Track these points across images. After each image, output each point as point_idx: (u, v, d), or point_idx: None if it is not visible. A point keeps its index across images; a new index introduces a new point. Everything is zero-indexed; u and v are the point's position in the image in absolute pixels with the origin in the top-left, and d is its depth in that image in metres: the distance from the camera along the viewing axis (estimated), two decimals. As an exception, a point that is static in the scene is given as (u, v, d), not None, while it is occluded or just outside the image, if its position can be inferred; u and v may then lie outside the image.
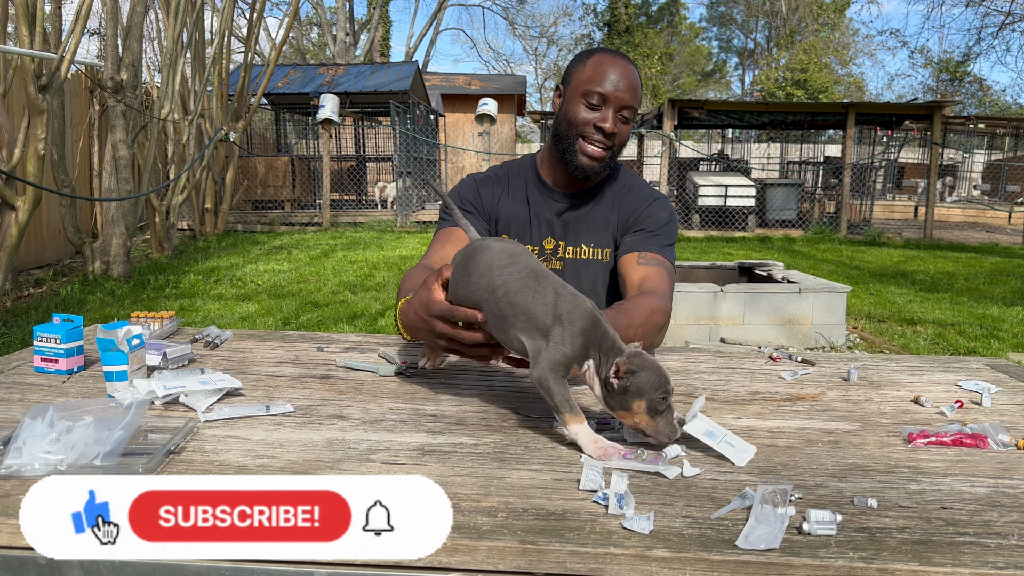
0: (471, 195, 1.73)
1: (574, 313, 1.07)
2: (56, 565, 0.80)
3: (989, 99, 35.29)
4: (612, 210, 1.69)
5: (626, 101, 1.57)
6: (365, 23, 28.97)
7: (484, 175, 1.77)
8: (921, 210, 14.45)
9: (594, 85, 1.55)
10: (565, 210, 1.69)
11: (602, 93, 1.55)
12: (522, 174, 1.75)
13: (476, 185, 1.75)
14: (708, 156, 15.88)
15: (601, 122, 1.56)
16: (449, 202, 1.49)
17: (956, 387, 1.40)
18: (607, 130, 1.57)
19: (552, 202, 1.70)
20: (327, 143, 12.04)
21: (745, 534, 0.80)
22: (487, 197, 1.73)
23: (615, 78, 1.55)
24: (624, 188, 1.72)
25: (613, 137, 1.59)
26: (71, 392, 1.27)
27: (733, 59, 42.84)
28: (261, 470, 0.95)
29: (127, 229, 7.18)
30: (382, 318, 5.62)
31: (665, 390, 1.03)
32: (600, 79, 1.55)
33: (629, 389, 1.03)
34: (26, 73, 5.20)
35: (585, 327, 1.07)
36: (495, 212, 1.72)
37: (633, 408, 1.03)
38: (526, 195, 1.72)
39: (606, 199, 1.70)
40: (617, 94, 1.55)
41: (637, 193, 1.70)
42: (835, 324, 5.18)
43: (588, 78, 1.57)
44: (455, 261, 1.24)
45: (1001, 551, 0.78)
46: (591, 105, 1.56)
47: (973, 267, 9.15)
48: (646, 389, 1.02)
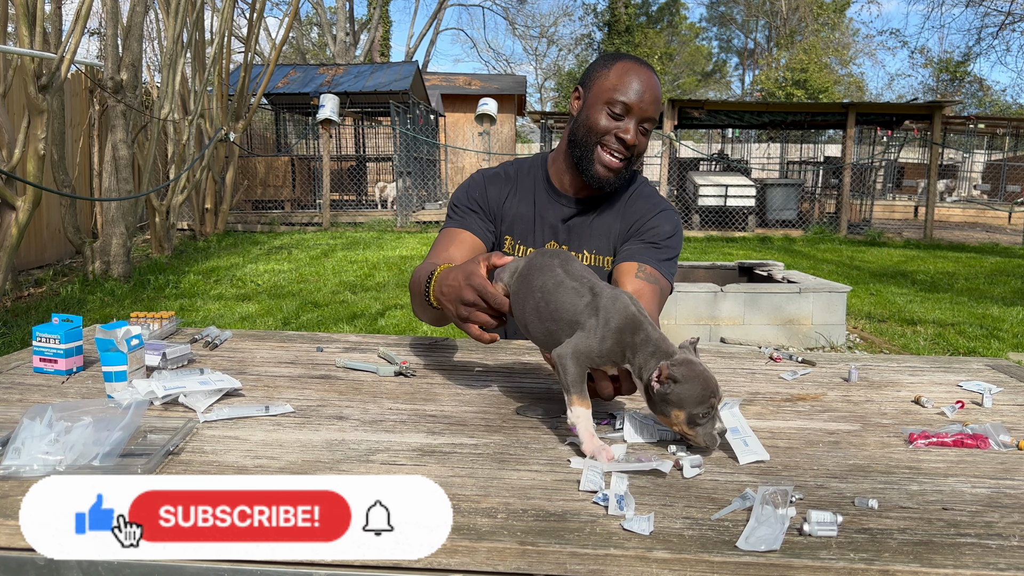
0: (478, 193, 1.71)
1: (611, 311, 1.05)
2: (55, 565, 0.80)
3: (989, 99, 35.30)
4: (617, 217, 1.67)
5: (649, 113, 1.54)
6: (365, 23, 28.98)
7: (494, 172, 1.75)
8: (921, 210, 14.45)
9: (619, 94, 1.52)
10: (572, 216, 1.67)
11: (627, 103, 1.52)
12: (532, 174, 1.73)
13: (484, 183, 1.72)
14: (708, 156, 15.89)
15: (623, 133, 1.53)
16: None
17: (957, 387, 1.40)
18: (628, 141, 1.54)
19: (559, 206, 1.68)
20: (327, 143, 12.04)
21: (745, 535, 0.79)
22: (494, 196, 1.71)
23: (640, 88, 1.52)
24: (634, 195, 1.69)
25: (632, 148, 1.56)
26: (70, 392, 1.26)
27: (733, 59, 42.86)
28: (260, 470, 0.95)
29: (127, 229, 7.18)
30: (382, 318, 5.62)
31: (709, 404, 0.99)
32: (625, 88, 1.52)
33: (669, 398, 0.99)
34: (26, 73, 5.20)
35: (621, 327, 1.04)
36: (501, 211, 1.71)
37: (671, 417, 1.01)
38: (533, 197, 1.70)
39: (615, 208, 1.68)
40: (642, 105, 1.52)
41: (645, 201, 1.68)
42: (835, 324, 5.17)
43: (613, 86, 1.53)
44: (513, 272, 1.20)
45: (1002, 552, 0.78)
46: (614, 114, 1.53)
47: (973, 267, 9.15)
48: (687, 402, 0.99)
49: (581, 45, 37.28)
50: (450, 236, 1.65)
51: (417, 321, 5.47)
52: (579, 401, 1.03)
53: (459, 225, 1.67)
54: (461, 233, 1.65)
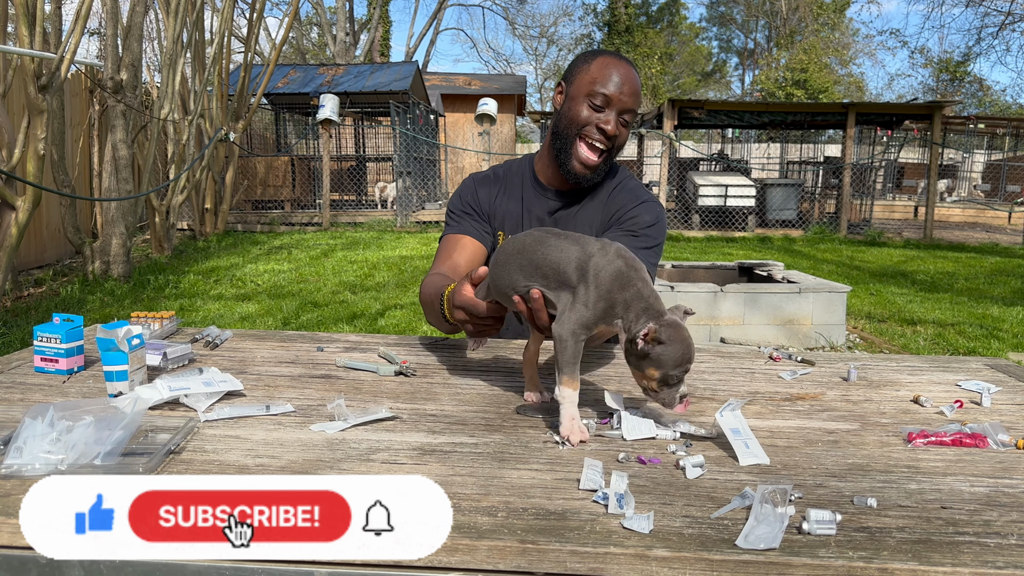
0: (470, 197, 1.78)
1: (602, 273, 1.07)
2: (56, 565, 0.80)
3: (989, 99, 35.30)
4: (599, 209, 1.72)
5: (628, 104, 1.59)
6: (365, 23, 28.97)
7: (483, 175, 1.82)
8: (921, 210, 14.45)
9: (599, 86, 1.57)
10: (557, 209, 1.73)
11: (606, 94, 1.57)
12: (520, 172, 1.79)
13: (475, 186, 1.79)
14: (708, 156, 15.88)
15: (604, 123, 1.59)
16: None
17: (956, 387, 1.40)
18: (609, 132, 1.59)
19: (545, 200, 1.73)
20: (327, 143, 12.04)
21: (745, 534, 0.80)
22: (484, 197, 1.77)
23: (619, 81, 1.57)
24: (617, 188, 1.73)
25: (613, 139, 1.61)
26: (71, 392, 1.27)
27: (733, 59, 42.85)
28: (261, 470, 0.95)
29: (127, 229, 7.18)
30: (382, 318, 5.63)
31: (684, 368, 1.04)
32: (605, 80, 1.57)
33: (650, 355, 1.04)
34: (26, 73, 5.20)
35: (611, 288, 1.07)
36: (492, 210, 1.77)
37: (647, 373, 1.05)
38: (521, 193, 1.75)
39: (598, 199, 1.72)
40: (621, 97, 1.58)
41: (628, 194, 1.72)
42: (835, 324, 5.18)
43: (593, 79, 1.58)
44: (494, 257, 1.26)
45: (1001, 551, 0.78)
46: (594, 106, 1.58)
47: (973, 267, 9.15)
48: (666, 362, 1.04)
49: (581, 45, 37.27)
50: (451, 243, 1.73)
51: (417, 321, 5.48)
52: (569, 382, 1.07)
53: (458, 231, 1.74)
54: (461, 239, 1.72)
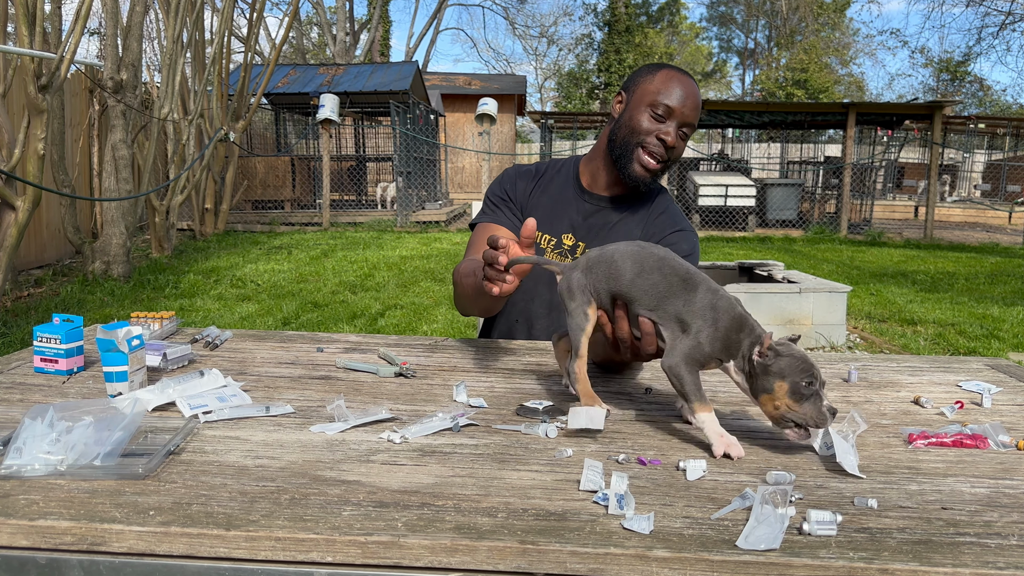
0: (509, 185, 1.82)
1: (721, 316, 1.08)
2: (57, 564, 0.80)
3: (989, 99, 35.31)
4: (638, 227, 1.73)
5: (689, 119, 1.60)
6: (365, 23, 28.96)
7: (526, 168, 1.86)
8: (921, 210, 14.46)
9: (662, 97, 1.59)
10: (593, 213, 1.74)
11: (669, 106, 1.58)
12: (563, 171, 1.81)
13: (516, 177, 1.83)
14: (708, 156, 15.88)
15: (664, 134, 1.60)
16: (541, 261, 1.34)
17: (956, 387, 1.40)
18: (669, 143, 1.60)
19: (582, 202, 1.75)
20: (327, 143, 12.04)
21: (745, 534, 0.80)
22: (521, 189, 1.80)
23: (682, 94, 1.59)
24: (657, 211, 1.75)
25: (672, 151, 1.62)
26: (71, 392, 1.26)
27: (733, 59, 42.87)
28: (261, 470, 0.95)
29: (127, 229, 7.18)
30: (382, 318, 5.62)
31: (811, 374, 1.01)
32: (668, 92, 1.59)
33: (771, 369, 1.02)
34: (26, 73, 5.20)
35: (728, 328, 1.07)
36: (526, 204, 1.79)
37: (775, 390, 1.03)
38: (559, 191, 1.77)
39: (637, 216, 1.73)
40: (683, 110, 1.59)
41: (666, 218, 1.74)
42: (835, 324, 5.17)
43: (656, 90, 1.60)
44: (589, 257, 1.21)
45: (1001, 551, 0.78)
46: (656, 116, 1.60)
47: (973, 267, 9.15)
48: (788, 372, 1.01)
49: (581, 45, 37.26)
50: (485, 232, 1.75)
51: (417, 321, 5.48)
52: (701, 407, 1.06)
53: (491, 220, 1.77)
54: (496, 228, 1.74)
